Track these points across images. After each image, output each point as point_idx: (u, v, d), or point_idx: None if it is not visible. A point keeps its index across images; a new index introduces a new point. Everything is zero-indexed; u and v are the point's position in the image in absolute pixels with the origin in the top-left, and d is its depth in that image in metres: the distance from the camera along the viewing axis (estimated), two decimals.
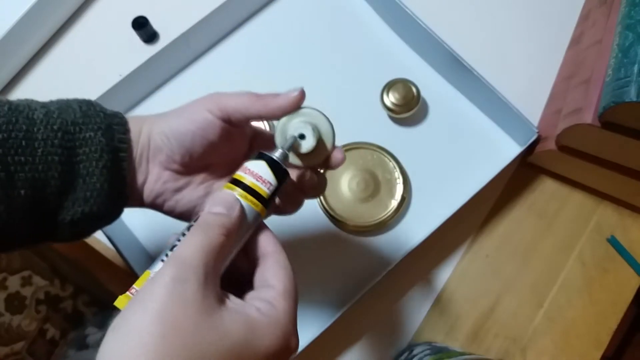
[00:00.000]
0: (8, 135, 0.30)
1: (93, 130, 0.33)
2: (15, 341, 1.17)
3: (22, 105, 0.32)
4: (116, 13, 0.63)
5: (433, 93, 0.59)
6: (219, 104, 0.34)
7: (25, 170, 0.31)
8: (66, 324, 1.18)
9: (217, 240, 0.29)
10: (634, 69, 0.40)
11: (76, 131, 0.33)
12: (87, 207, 0.33)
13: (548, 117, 0.55)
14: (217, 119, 0.34)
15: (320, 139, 0.34)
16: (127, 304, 0.27)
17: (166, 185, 0.36)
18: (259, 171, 0.32)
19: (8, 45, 0.57)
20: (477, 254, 0.55)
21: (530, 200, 0.57)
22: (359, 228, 0.54)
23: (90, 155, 0.33)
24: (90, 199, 0.33)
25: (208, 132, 0.35)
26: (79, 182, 0.33)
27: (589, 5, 0.61)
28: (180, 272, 0.26)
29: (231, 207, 0.30)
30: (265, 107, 0.34)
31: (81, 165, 0.33)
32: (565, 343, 0.53)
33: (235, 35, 0.62)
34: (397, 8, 0.57)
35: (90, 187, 0.33)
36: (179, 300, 0.25)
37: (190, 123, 0.35)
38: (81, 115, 0.34)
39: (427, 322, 0.53)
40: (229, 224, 0.30)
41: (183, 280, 0.26)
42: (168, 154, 0.35)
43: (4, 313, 1.19)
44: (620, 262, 0.54)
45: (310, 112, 0.35)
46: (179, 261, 0.27)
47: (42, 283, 1.20)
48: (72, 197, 0.33)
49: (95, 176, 0.33)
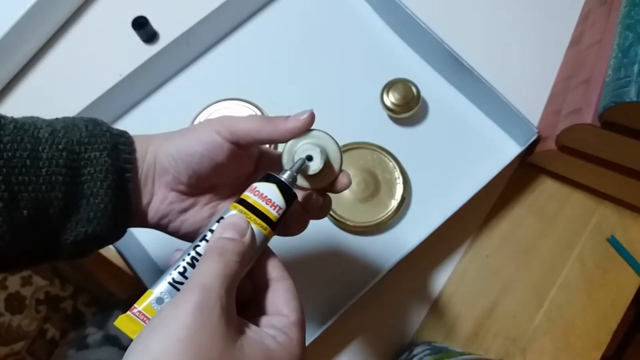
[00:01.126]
0: (13, 154, 0.30)
1: (99, 150, 0.33)
2: (15, 341, 1.17)
3: (28, 123, 0.32)
4: (116, 13, 0.63)
5: (433, 93, 0.59)
6: (229, 127, 0.34)
7: (28, 190, 0.30)
8: (66, 324, 1.18)
9: (234, 266, 0.29)
10: (634, 69, 0.40)
11: (81, 151, 0.32)
12: (90, 228, 0.33)
13: (548, 117, 0.55)
14: (226, 141, 0.34)
15: (328, 162, 0.34)
16: (145, 329, 0.26)
17: (172, 206, 0.36)
18: (269, 194, 0.32)
19: (8, 45, 0.57)
20: (477, 254, 0.55)
21: (530, 200, 0.57)
22: (359, 228, 0.54)
23: (95, 176, 0.32)
24: (94, 219, 0.33)
25: (216, 154, 0.34)
26: (82, 203, 0.32)
27: (589, 5, 0.61)
28: (205, 298, 0.26)
29: (243, 233, 0.30)
30: (275, 131, 0.33)
31: (85, 186, 0.32)
32: (565, 343, 0.53)
33: (235, 35, 0.62)
34: (397, 8, 0.57)
35: (94, 208, 0.32)
36: (205, 328, 0.25)
37: (198, 145, 0.34)
38: (87, 134, 0.33)
39: (427, 322, 0.53)
40: (243, 250, 0.30)
41: (209, 308, 0.26)
42: (175, 175, 0.35)
43: (4, 313, 1.19)
44: (620, 262, 0.54)
45: (318, 135, 0.34)
46: (202, 288, 0.27)
47: (42, 283, 1.20)
48: (75, 217, 0.32)
49: (100, 197, 0.32)
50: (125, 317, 0.29)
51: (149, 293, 0.30)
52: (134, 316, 0.29)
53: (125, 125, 0.59)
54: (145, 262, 0.52)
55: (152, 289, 0.30)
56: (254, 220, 0.31)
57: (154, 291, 0.30)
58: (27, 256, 0.32)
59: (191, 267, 0.30)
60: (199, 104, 0.57)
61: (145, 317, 0.29)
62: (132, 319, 0.29)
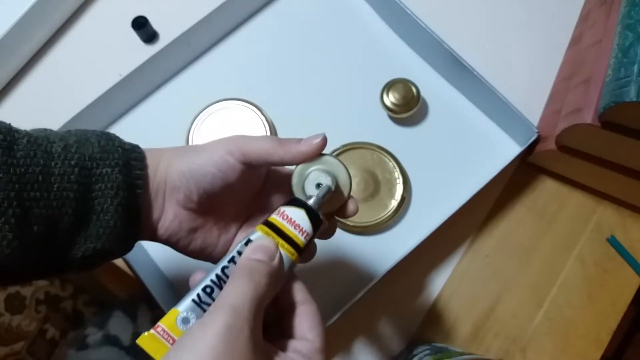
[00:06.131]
0: (25, 169, 0.29)
1: (110, 167, 0.33)
2: (15, 341, 1.17)
3: (41, 137, 0.31)
4: (116, 13, 0.63)
5: (433, 93, 0.59)
6: (242, 149, 0.34)
7: (40, 207, 0.30)
8: (66, 324, 1.18)
9: (263, 289, 0.28)
10: (634, 69, 0.40)
11: (93, 167, 0.32)
12: (100, 244, 0.32)
13: (548, 117, 0.55)
14: (238, 162, 0.34)
15: (338, 188, 0.35)
16: (172, 351, 0.26)
17: (182, 225, 0.36)
18: (297, 219, 0.32)
19: (8, 45, 0.57)
20: (477, 254, 0.55)
21: (530, 200, 0.57)
22: (359, 228, 0.54)
23: (106, 192, 0.32)
24: (103, 235, 0.32)
25: (228, 175, 0.34)
26: (92, 219, 0.32)
27: (589, 5, 0.61)
28: (234, 320, 0.26)
29: (272, 256, 0.30)
30: (287, 154, 0.33)
31: (96, 202, 0.32)
32: (565, 343, 0.53)
33: (235, 35, 0.62)
34: (397, 8, 0.57)
35: (103, 224, 0.32)
36: (232, 350, 0.25)
37: (211, 165, 0.34)
38: (99, 150, 0.33)
39: (427, 322, 0.53)
40: (272, 273, 0.30)
41: (237, 330, 0.26)
42: (186, 193, 0.35)
43: (4, 313, 1.19)
44: (620, 262, 0.54)
45: (329, 160, 0.35)
46: (231, 309, 0.27)
47: (42, 283, 1.20)
48: (85, 233, 0.32)
49: (110, 213, 0.32)
50: (149, 336, 0.28)
51: (174, 312, 0.29)
52: (158, 335, 0.28)
53: (125, 125, 0.59)
54: (146, 263, 0.52)
55: (178, 308, 0.29)
56: (282, 244, 0.32)
57: (179, 310, 0.29)
58: (35, 270, 0.32)
59: (218, 288, 0.30)
60: (199, 104, 0.56)
61: (170, 336, 0.28)
62: (156, 338, 0.28)
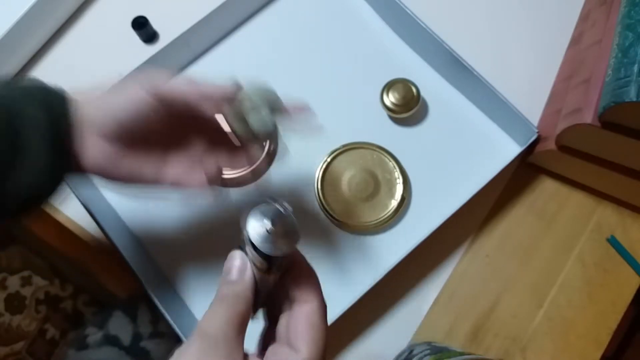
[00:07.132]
0: None
1: (33, 106, 0.36)
2: (15, 341, 1.17)
3: None
4: (116, 13, 0.63)
5: (433, 93, 0.59)
6: (152, 82, 0.38)
7: None
8: (66, 324, 1.18)
9: (235, 310, 0.28)
10: (634, 69, 0.40)
11: (18, 109, 0.35)
12: (32, 178, 0.35)
13: (548, 117, 0.55)
14: (151, 96, 0.37)
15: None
16: None
17: (105, 156, 0.38)
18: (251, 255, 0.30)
19: (8, 45, 0.57)
20: (477, 254, 0.55)
21: (530, 200, 0.57)
22: (359, 228, 0.54)
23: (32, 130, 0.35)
24: (34, 168, 0.35)
25: (140, 107, 0.37)
26: (20, 156, 0.35)
27: (589, 5, 0.61)
28: (207, 345, 0.27)
29: (241, 272, 0.30)
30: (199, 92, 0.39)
31: (23, 138, 0.35)
32: (565, 343, 0.53)
33: (235, 35, 0.62)
34: (397, 8, 0.57)
35: (33, 158, 0.35)
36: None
37: (125, 100, 0.38)
38: (22, 91, 0.36)
39: (427, 322, 0.53)
40: (243, 291, 0.29)
41: (211, 354, 0.26)
42: (105, 125, 0.38)
43: (4, 313, 1.19)
44: (620, 262, 0.54)
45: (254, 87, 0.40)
46: (203, 334, 0.27)
47: (42, 283, 1.21)
48: (18, 168, 0.35)
49: (37, 147, 0.35)
50: None
51: None
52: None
53: None
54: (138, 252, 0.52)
55: None
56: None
57: None
58: None
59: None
60: None
61: None
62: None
